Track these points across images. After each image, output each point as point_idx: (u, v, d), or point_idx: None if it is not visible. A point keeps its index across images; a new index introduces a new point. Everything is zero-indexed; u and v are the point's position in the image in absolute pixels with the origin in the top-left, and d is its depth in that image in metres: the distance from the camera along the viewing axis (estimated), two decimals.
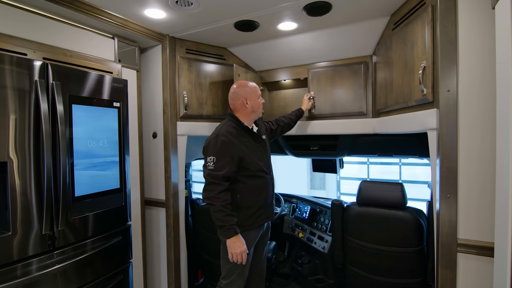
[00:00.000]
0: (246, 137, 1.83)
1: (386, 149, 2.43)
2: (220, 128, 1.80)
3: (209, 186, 1.68)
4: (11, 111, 1.36)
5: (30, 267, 1.42)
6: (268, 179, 1.90)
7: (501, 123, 1.06)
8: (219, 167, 1.68)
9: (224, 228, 1.66)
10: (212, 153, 1.71)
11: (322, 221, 2.72)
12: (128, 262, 1.97)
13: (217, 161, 1.69)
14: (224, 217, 1.65)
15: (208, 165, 1.70)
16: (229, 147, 1.71)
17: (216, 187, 1.67)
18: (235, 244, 1.68)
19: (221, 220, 1.66)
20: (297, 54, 2.45)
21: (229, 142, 1.72)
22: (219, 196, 1.65)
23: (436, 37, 1.42)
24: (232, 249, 1.69)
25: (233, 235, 1.67)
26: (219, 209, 1.65)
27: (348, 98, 2.33)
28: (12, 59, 1.37)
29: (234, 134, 1.77)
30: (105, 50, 2.03)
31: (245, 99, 1.84)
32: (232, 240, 1.68)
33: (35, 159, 1.44)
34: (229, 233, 1.67)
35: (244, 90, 1.86)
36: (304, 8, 1.82)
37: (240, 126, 1.83)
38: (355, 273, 2.06)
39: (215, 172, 1.68)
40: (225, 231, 1.67)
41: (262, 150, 1.90)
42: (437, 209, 1.44)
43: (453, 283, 1.40)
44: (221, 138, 1.72)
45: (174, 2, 1.77)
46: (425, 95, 1.50)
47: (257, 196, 1.83)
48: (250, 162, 1.78)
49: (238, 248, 1.68)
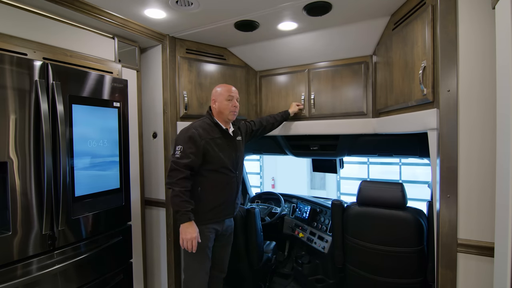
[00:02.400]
0: (217, 133, 1.90)
1: (386, 149, 2.43)
2: (193, 123, 1.91)
3: (171, 172, 1.74)
4: (11, 111, 1.36)
5: (30, 267, 1.42)
6: (233, 177, 1.95)
7: (501, 123, 1.06)
8: (183, 156, 1.76)
9: (179, 213, 1.71)
10: (181, 143, 1.79)
11: (322, 221, 2.72)
12: (128, 262, 1.97)
13: (183, 150, 1.77)
14: (180, 203, 1.70)
15: (176, 154, 1.78)
16: (197, 140, 1.79)
17: (177, 173, 1.73)
18: (187, 229, 1.72)
19: (177, 205, 1.71)
20: (297, 54, 2.45)
21: (198, 135, 1.80)
22: (178, 182, 1.71)
23: (436, 37, 1.42)
24: (183, 235, 1.73)
25: (187, 221, 1.71)
26: (177, 194, 1.70)
27: (348, 98, 2.33)
28: (12, 59, 1.37)
29: (206, 129, 1.87)
30: (105, 50, 2.03)
31: (214, 100, 1.96)
32: (185, 225, 1.72)
33: (35, 159, 1.44)
34: (183, 218, 1.71)
35: (215, 91, 1.97)
36: (304, 8, 1.82)
37: (213, 122, 1.92)
38: (355, 273, 2.05)
39: (179, 160, 1.75)
40: (179, 216, 1.71)
41: (231, 148, 1.96)
42: (437, 209, 1.44)
43: (453, 283, 1.40)
44: (192, 130, 1.81)
45: (174, 2, 1.77)
46: (425, 95, 1.50)
47: (218, 191, 1.89)
48: (214, 157, 1.85)
49: (189, 234, 1.71)
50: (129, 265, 1.97)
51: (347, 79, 2.33)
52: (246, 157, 3.77)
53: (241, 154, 2.05)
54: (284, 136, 2.76)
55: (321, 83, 2.44)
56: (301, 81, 2.54)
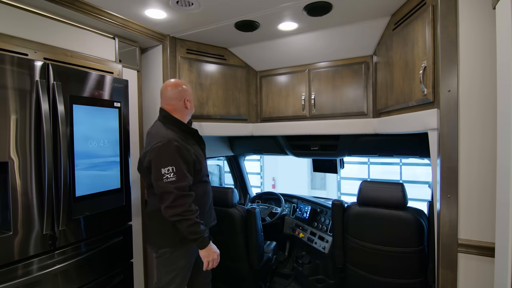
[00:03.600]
0: (192, 140, 1.71)
1: (386, 149, 2.43)
2: (165, 134, 1.59)
3: (178, 200, 1.48)
4: (12, 111, 1.36)
5: (31, 267, 1.42)
6: (209, 183, 1.82)
7: (501, 123, 1.06)
8: (181, 177, 1.50)
9: (201, 239, 1.54)
10: (169, 162, 1.50)
11: (323, 221, 2.72)
12: (128, 262, 1.97)
13: (177, 170, 1.50)
14: (199, 229, 1.53)
15: (168, 178, 1.48)
16: (184, 152, 1.55)
17: (186, 199, 1.50)
18: (211, 251, 1.59)
19: (197, 232, 1.52)
20: (298, 54, 2.45)
21: (182, 147, 1.55)
22: (191, 208, 1.50)
23: (436, 37, 1.42)
24: (209, 257, 1.58)
25: (209, 243, 1.58)
26: (195, 221, 1.50)
27: (349, 98, 2.33)
28: (13, 59, 1.37)
29: (182, 139, 1.62)
30: (106, 50, 2.03)
31: (187, 100, 1.73)
32: (208, 248, 1.58)
33: (36, 159, 1.44)
34: (205, 242, 1.56)
35: (186, 91, 1.74)
36: (305, 8, 1.82)
37: (184, 130, 1.68)
38: (355, 273, 2.05)
39: (180, 183, 1.49)
40: (201, 242, 1.55)
41: (203, 153, 1.80)
42: (437, 209, 1.44)
43: (453, 284, 1.40)
44: (174, 144, 1.53)
45: (175, 2, 1.77)
46: (425, 95, 1.50)
47: (204, 202, 1.73)
48: (201, 167, 1.67)
49: (215, 254, 1.61)
50: (129, 265, 1.97)
51: (348, 79, 2.33)
52: (246, 157, 3.79)
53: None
54: (284, 136, 2.76)
55: (322, 83, 2.44)
56: (302, 81, 2.54)
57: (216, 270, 2.12)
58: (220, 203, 2.25)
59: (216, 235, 2.24)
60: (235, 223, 2.21)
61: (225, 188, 2.32)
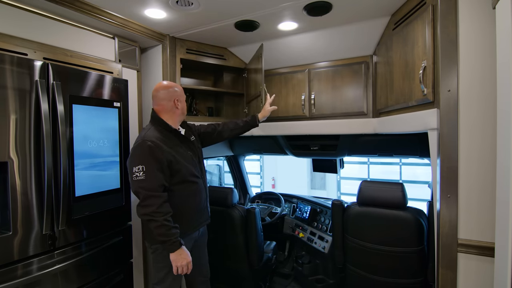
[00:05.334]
0: (174, 140, 1.71)
1: (386, 149, 2.43)
2: (144, 134, 1.63)
3: (146, 201, 1.51)
4: (12, 111, 1.36)
5: (30, 267, 1.42)
6: (200, 183, 1.79)
7: (501, 123, 1.06)
8: (151, 177, 1.52)
9: (169, 242, 1.54)
10: (139, 161, 1.54)
11: (323, 221, 2.72)
12: (128, 261, 1.97)
13: (147, 169, 1.52)
14: (168, 232, 1.52)
15: (138, 177, 1.52)
16: (157, 152, 1.56)
17: (155, 200, 1.51)
18: (181, 256, 1.58)
19: (165, 235, 1.52)
20: (298, 54, 2.45)
21: (156, 147, 1.57)
22: (160, 210, 1.51)
23: (436, 37, 1.42)
24: (177, 262, 1.58)
25: (178, 248, 1.57)
26: (162, 223, 1.51)
27: (349, 98, 2.33)
28: (12, 59, 1.37)
29: (161, 138, 1.63)
30: (106, 50, 2.03)
31: (177, 100, 1.74)
32: (177, 253, 1.57)
33: (36, 159, 1.44)
34: (174, 247, 1.55)
35: (176, 91, 1.75)
36: (305, 8, 1.82)
37: (167, 130, 1.70)
38: (355, 273, 2.05)
39: (149, 183, 1.52)
40: (169, 245, 1.55)
41: (191, 153, 1.78)
42: (437, 209, 1.44)
43: (453, 283, 1.40)
44: (147, 143, 1.56)
45: (175, 2, 1.77)
46: (425, 95, 1.49)
47: (191, 202, 1.73)
48: (180, 167, 1.66)
49: (184, 260, 1.58)
50: (129, 265, 1.97)
51: (348, 79, 2.33)
52: (246, 157, 3.78)
53: (201, 154, 1.90)
54: (284, 136, 2.76)
55: (322, 83, 2.44)
56: (302, 81, 2.54)
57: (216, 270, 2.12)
58: (220, 203, 2.25)
59: (216, 235, 2.25)
60: (235, 223, 2.21)
61: (225, 188, 2.32)
